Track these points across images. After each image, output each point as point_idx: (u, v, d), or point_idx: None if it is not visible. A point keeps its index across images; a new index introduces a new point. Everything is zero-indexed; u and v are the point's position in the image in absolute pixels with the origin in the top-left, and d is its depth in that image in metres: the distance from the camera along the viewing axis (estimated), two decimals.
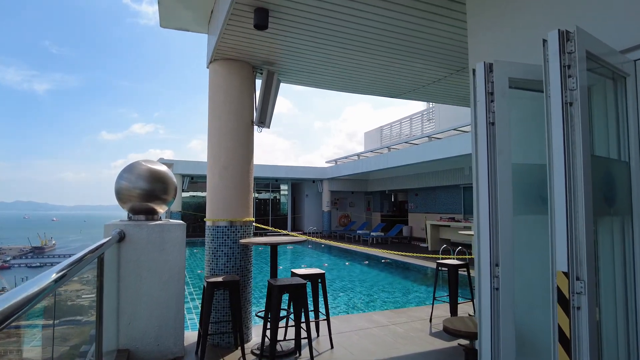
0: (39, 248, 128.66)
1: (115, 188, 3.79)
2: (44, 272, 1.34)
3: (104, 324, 2.98)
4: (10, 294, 0.98)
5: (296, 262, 13.35)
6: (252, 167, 4.52)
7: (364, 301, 7.74)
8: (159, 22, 4.80)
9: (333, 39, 3.94)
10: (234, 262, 4.24)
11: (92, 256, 2.29)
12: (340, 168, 21.00)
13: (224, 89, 4.39)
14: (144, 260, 3.58)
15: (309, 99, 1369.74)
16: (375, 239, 17.48)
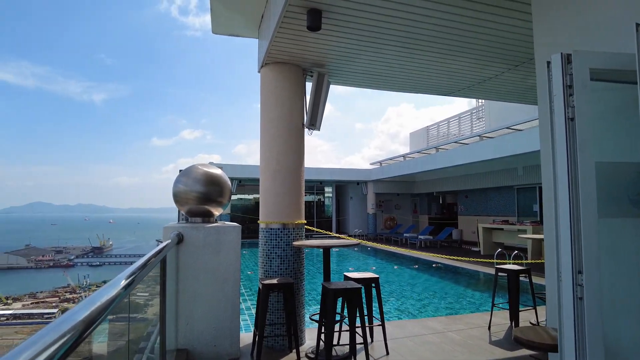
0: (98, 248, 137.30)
1: (173, 191, 3.90)
2: (114, 279, 1.37)
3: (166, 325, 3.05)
4: (87, 302, 0.99)
5: (342, 265, 13.27)
6: (303, 170, 4.51)
7: (416, 307, 7.54)
8: (210, 29, 4.92)
9: (386, 37, 3.86)
10: (287, 264, 4.24)
11: (155, 260, 2.34)
12: (385, 169, 20.72)
13: (275, 92, 4.42)
14: (201, 262, 3.65)
15: (350, 100, 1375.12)
16: (424, 242, 17.07)
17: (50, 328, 0.72)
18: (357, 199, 23.58)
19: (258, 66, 4.68)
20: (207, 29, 4.82)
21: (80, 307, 0.92)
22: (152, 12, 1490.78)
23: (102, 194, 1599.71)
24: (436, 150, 16.16)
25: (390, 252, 15.89)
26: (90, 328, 0.88)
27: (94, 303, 0.98)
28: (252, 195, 23.69)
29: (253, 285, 9.24)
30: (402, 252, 14.96)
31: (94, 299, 1.03)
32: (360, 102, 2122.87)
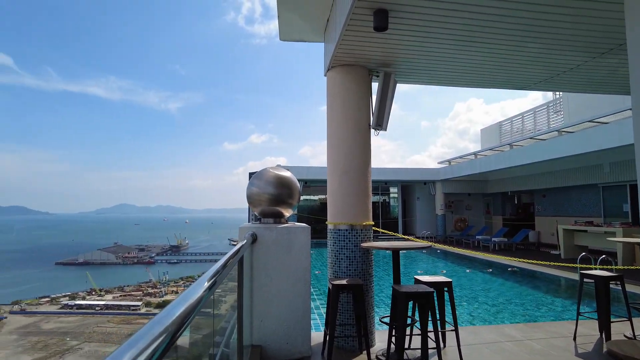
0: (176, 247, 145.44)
1: (246, 193, 4.08)
2: (198, 280, 1.46)
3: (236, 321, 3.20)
4: (176, 303, 1.05)
5: (410, 268, 13.01)
6: (369, 171, 4.50)
7: (490, 312, 7.18)
8: (276, 36, 5.08)
9: (455, 32, 3.73)
10: (355, 265, 4.25)
11: (233, 260, 2.46)
12: (455, 168, 19.97)
13: (342, 95, 4.46)
14: (273, 262, 3.78)
15: (415, 97, 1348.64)
16: (498, 245, 16.21)
17: (147, 329, 0.79)
18: (424, 200, 22.97)
19: (324, 70, 4.75)
20: (272, 37, 5.08)
21: (171, 308, 1.00)
22: (220, 23, 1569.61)
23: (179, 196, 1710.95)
24: (510, 147, 15.27)
25: (461, 255, 15.29)
26: (182, 327, 0.95)
27: (182, 304, 1.06)
28: (317, 196, 24.01)
29: (320, 285, 9.37)
30: (475, 255, 14.32)
31: (182, 300, 1.11)
32: (425, 99, 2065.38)
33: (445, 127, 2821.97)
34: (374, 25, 3.34)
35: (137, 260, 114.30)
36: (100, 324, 55.92)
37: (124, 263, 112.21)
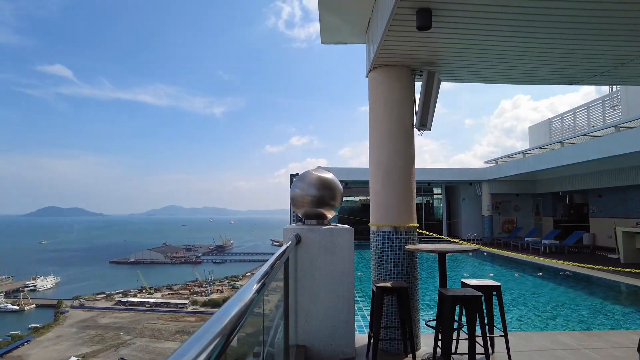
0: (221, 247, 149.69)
1: (290, 195, 4.15)
2: (247, 283, 1.50)
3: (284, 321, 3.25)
4: (228, 307, 1.08)
5: (455, 271, 12.66)
6: (413, 172, 4.44)
7: (541, 318, 6.86)
8: (316, 39, 5.12)
9: (505, 28, 3.61)
10: (400, 268, 4.20)
11: (280, 262, 2.51)
12: (502, 168, 19.24)
13: (384, 95, 4.43)
14: (317, 263, 3.82)
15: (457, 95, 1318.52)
16: (549, 248, 15.45)
17: (203, 332, 0.82)
18: (470, 200, 22.30)
19: (366, 71, 4.74)
20: (312, 40, 5.18)
21: (224, 310, 1.04)
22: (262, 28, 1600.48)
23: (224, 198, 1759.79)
24: (561, 144, 14.53)
25: (509, 258, 14.71)
26: (236, 329, 0.98)
27: (235, 306, 1.09)
28: (357, 197, 23.90)
29: (363, 286, 9.32)
30: (524, 258, 13.73)
31: (235, 302, 1.14)
32: (467, 97, 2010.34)
33: (491, 125, 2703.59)
34: (417, 24, 3.30)
35: (185, 259, 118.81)
36: (150, 321, 58.63)
37: (172, 262, 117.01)
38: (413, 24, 3.41)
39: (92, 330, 55.12)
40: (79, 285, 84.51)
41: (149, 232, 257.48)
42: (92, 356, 45.94)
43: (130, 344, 50.85)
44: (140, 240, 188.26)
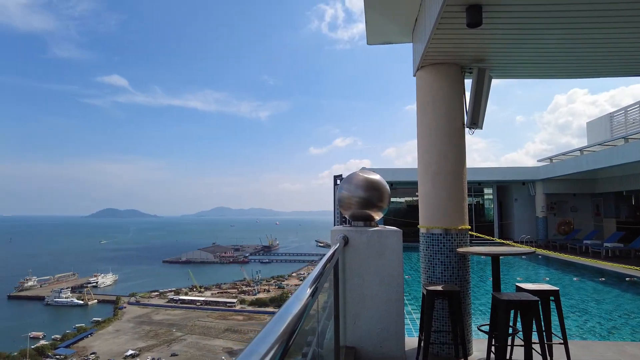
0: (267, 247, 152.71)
1: (337, 197, 4.16)
2: (300, 287, 1.51)
3: (332, 322, 3.26)
4: (282, 313, 1.09)
5: (508, 275, 12.15)
6: (465, 172, 4.32)
7: (605, 327, 6.43)
8: (359, 40, 5.11)
9: (561, 19, 3.44)
10: (451, 271, 4.10)
11: (330, 265, 2.52)
12: (557, 166, 18.24)
13: (433, 94, 4.34)
14: (365, 264, 3.80)
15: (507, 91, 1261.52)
16: (611, 251, 14.46)
17: (262, 338, 0.83)
18: (523, 201, 21.32)
19: (413, 70, 4.67)
20: (355, 41, 5.19)
21: (280, 316, 1.05)
22: (305, 32, 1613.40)
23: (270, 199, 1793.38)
24: (625, 140, 13.55)
25: (567, 261, 13.91)
26: (294, 334, 1.00)
27: (291, 312, 1.11)
28: (403, 199, 23.54)
29: (411, 289, 9.17)
30: (583, 262, 12.93)
31: (290, 308, 1.16)
32: (518, 92, 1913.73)
33: (544, 122, 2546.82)
34: (467, 21, 3.22)
35: (233, 259, 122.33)
36: (200, 318, 60.84)
37: (221, 262, 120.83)
38: (462, 21, 3.32)
39: (147, 326, 58.02)
40: (135, 282, 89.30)
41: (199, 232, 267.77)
42: (147, 350, 48.34)
43: (181, 340, 53.02)
44: (191, 241, 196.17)
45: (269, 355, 0.75)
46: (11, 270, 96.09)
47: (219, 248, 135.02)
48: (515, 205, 21.59)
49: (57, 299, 70.93)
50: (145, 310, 66.19)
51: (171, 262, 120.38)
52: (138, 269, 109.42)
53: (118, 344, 50.66)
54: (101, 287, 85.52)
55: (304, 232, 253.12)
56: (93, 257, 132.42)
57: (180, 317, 62.26)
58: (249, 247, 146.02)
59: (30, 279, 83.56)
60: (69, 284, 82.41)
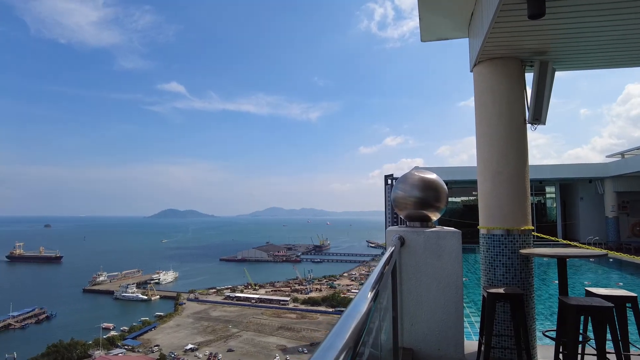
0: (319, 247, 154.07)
1: (392, 197, 4.13)
2: (361, 292, 1.49)
3: (387, 323, 3.24)
4: (345, 320, 1.10)
5: (574, 278, 11.41)
6: (527, 170, 4.13)
7: None
8: (408, 39, 5.05)
9: (633, 2, 3.20)
10: (513, 273, 3.94)
11: (388, 268, 2.51)
12: (630, 162, 16.84)
13: (491, 90, 4.19)
14: (422, 266, 3.75)
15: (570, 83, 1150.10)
16: None
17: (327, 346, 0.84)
18: (589, 200, 19.92)
19: (470, 65, 4.53)
20: (405, 39, 5.11)
21: (343, 323, 1.07)
22: (355, 32, 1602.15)
23: (321, 199, 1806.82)
24: None
25: None
26: (360, 341, 1.01)
27: (354, 318, 1.12)
28: (459, 198, 22.82)
29: (467, 292, 8.89)
30: None
31: (352, 313, 1.17)
32: (583, 84, 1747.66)
33: (613, 114, 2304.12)
34: (528, 13, 3.08)
35: (286, 258, 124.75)
36: (255, 316, 62.53)
37: (274, 260, 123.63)
38: (522, 13, 3.19)
39: (205, 322, 60.54)
40: (194, 280, 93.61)
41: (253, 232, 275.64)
42: (205, 345, 50.44)
43: (237, 336, 54.78)
44: (246, 240, 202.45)
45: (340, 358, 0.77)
46: (85, 266, 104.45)
47: (272, 247, 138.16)
48: (580, 205, 20.22)
49: (124, 294, 76.03)
50: (203, 307, 69.10)
51: (227, 260, 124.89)
52: (197, 266, 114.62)
53: (178, 337, 53.31)
54: (163, 283, 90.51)
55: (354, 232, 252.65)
56: (155, 255, 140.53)
57: (236, 314, 64.36)
58: (300, 247, 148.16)
59: (101, 275, 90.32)
60: (134, 280, 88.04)
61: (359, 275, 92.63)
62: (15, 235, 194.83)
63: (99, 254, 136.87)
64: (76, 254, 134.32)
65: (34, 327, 60.15)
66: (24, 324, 60.25)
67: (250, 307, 68.83)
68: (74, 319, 61.66)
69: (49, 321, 63.33)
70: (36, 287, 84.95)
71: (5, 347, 50.24)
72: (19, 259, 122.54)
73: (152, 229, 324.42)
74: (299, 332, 55.24)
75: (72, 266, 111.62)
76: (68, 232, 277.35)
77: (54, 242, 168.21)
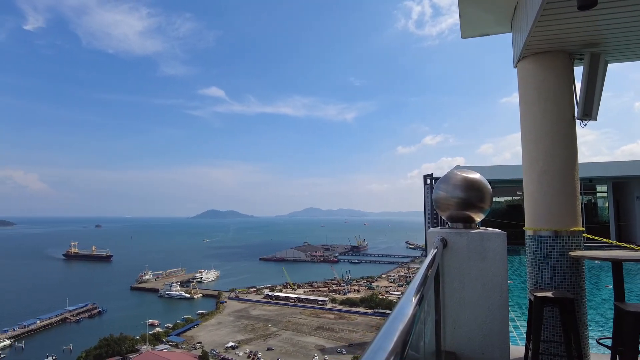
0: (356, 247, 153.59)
1: (433, 197, 4.05)
2: (406, 295, 1.47)
3: (428, 326, 3.18)
4: (391, 324, 1.08)
5: (631, 283, 10.73)
6: (577, 168, 3.93)
7: None
8: (447, 36, 4.92)
9: None
10: (562, 276, 3.76)
11: (432, 271, 2.45)
12: None
13: (537, 85, 4.02)
14: (465, 268, 3.65)
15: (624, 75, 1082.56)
16: None
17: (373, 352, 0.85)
18: None
19: (514, 61, 4.37)
20: (444, 36, 4.98)
21: (389, 327, 1.06)
22: (392, 31, 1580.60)
23: (358, 200, 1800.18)
24: None
25: None
26: (407, 347, 1.00)
27: (399, 323, 1.10)
28: (502, 198, 22.06)
29: (511, 295, 8.58)
30: None
31: (397, 319, 1.16)
32: (636, 75, 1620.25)
33: None
34: (578, 4, 2.93)
35: (323, 258, 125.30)
36: (294, 315, 63.16)
37: (312, 260, 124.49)
38: (571, 4, 3.05)
39: (245, 320, 61.79)
40: (234, 279, 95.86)
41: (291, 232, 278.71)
42: (245, 343, 51.48)
43: (276, 335, 55.53)
44: (284, 240, 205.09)
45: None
46: (132, 264, 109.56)
47: (310, 247, 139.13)
48: (636, 204, 18.99)
49: (168, 292, 79.01)
50: (243, 305, 70.56)
51: (267, 259, 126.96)
52: (237, 265, 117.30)
53: (220, 335, 54.71)
54: (205, 282, 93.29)
55: (393, 233, 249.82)
56: (198, 254, 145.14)
57: (275, 313, 65.26)
58: (338, 247, 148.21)
59: (147, 273, 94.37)
60: (178, 279, 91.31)
61: (397, 277, 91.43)
62: (70, 235, 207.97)
63: (144, 253, 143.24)
64: (124, 253, 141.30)
65: (87, 321, 63.91)
66: (78, 318, 64.26)
67: (289, 306, 69.58)
68: (123, 315, 64.87)
69: (100, 316, 67.03)
70: (89, 284, 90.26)
71: (62, 339, 53.81)
72: (74, 257, 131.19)
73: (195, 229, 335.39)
74: (337, 332, 55.28)
75: (121, 264, 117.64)
76: (116, 232, 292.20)
77: (104, 242, 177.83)
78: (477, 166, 19.02)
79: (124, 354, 46.70)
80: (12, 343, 52.32)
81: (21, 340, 53.29)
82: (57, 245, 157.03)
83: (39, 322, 59.40)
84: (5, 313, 64.10)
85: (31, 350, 50.60)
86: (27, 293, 79.92)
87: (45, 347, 50.83)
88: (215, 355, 47.54)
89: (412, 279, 1.87)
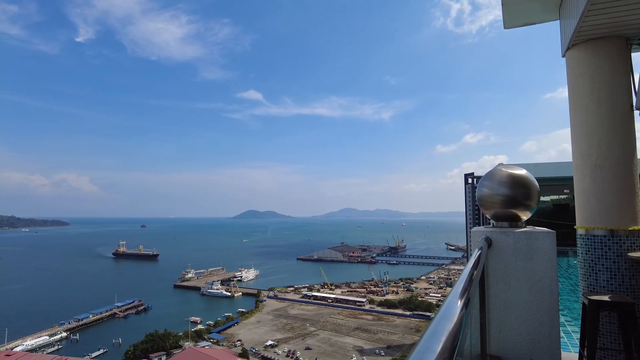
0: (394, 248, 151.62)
1: (476, 195, 3.89)
2: (449, 299, 1.38)
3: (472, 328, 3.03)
4: (436, 327, 1.02)
5: None
6: (636, 162, 3.65)
7: None
8: (490, 31, 4.71)
9: None
10: (619, 279, 3.50)
11: (477, 272, 2.33)
12: None
13: (589, 74, 3.77)
14: (511, 269, 3.47)
15: None
16: None
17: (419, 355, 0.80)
18: None
19: (562, 50, 4.13)
20: (484, 33, 4.69)
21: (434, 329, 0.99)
22: (430, 30, 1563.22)
23: (395, 200, 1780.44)
24: None
25: None
26: (455, 351, 0.93)
27: (445, 327, 1.04)
28: (548, 197, 21.09)
29: (561, 298, 8.14)
30: None
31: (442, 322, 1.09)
32: None
33: None
34: None
35: (361, 259, 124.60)
36: (332, 315, 63.12)
37: (349, 261, 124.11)
38: None
39: (284, 319, 62.39)
40: (273, 278, 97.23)
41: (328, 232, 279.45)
42: (284, 342, 51.99)
43: (314, 335, 55.69)
44: (321, 240, 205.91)
45: None
46: (176, 263, 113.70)
47: (347, 248, 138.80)
48: None
49: (209, 290, 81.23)
50: (282, 304, 71.33)
51: (304, 259, 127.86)
52: (276, 265, 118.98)
53: (259, 333, 55.56)
54: (245, 280, 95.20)
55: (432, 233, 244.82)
56: (238, 253, 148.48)
57: (313, 313, 65.50)
58: (375, 248, 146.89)
59: (189, 272, 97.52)
60: (219, 277, 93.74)
61: (437, 279, 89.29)
62: (119, 235, 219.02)
63: (187, 252, 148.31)
64: (168, 252, 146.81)
65: (134, 317, 66.97)
66: (126, 314, 67.40)
67: (327, 306, 69.65)
68: (167, 312, 67.41)
69: (146, 312, 69.96)
70: (135, 281, 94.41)
71: (112, 333, 56.81)
72: (123, 256, 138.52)
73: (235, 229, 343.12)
74: (375, 334, 54.74)
75: (165, 263, 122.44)
76: (161, 232, 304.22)
77: (150, 241, 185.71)
78: (521, 164, 18.22)
79: (168, 350, 48.44)
80: (68, 335, 55.78)
81: (76, 333, 56.80)
82: (106, 244, 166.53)
83: (91, 317, 63.03)
84: (63, 307, 68.58)
85: (85, 342, 53.67)
86: (80, 289, 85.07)
87: (97, 340, 53.79)
88: (254, 353, 48.32)
89: (455, 280, 1.78)
